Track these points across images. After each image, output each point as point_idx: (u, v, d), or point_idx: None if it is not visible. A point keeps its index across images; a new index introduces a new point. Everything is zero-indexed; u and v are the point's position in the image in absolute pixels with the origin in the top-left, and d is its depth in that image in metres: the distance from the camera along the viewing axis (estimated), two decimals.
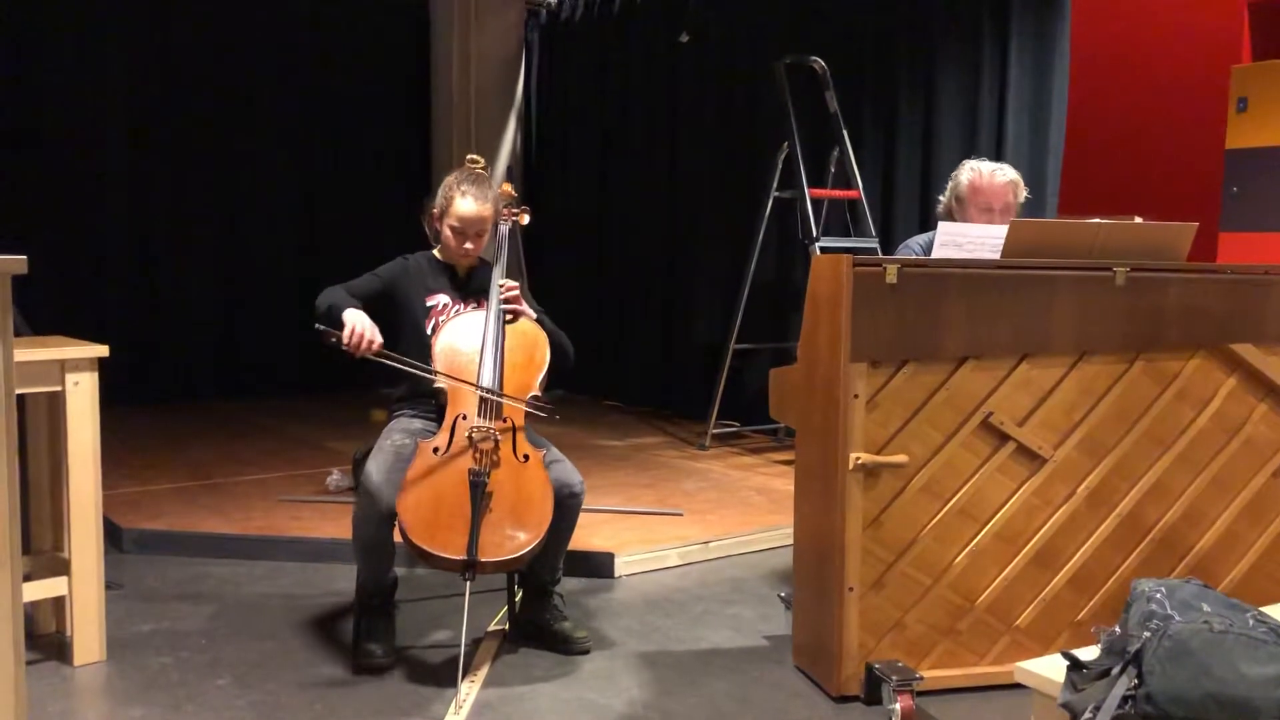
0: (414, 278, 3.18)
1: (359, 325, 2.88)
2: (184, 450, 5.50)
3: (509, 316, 3.10)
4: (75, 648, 2.91)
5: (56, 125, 6.65)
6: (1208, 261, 3.95)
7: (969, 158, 3.55)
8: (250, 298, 7.41)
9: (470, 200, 3.10)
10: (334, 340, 2.86)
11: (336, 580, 3.63)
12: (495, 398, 2.94)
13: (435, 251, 3.25)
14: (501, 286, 3.10)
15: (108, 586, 3.02)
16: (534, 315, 3.15)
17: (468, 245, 3.13)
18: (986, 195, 3.37)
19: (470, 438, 2.87)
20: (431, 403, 3.08)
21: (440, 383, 2.98)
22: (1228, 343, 2.91)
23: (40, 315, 4.54)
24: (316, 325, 2.87)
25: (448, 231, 3.13)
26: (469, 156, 3.28)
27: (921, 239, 3.64)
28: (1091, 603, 2.87)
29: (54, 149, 6.65)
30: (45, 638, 3.09)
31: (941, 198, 3.56)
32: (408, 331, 3.13)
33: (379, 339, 2.90)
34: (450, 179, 3.17)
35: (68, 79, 6.67)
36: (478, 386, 2.95)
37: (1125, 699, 1.84)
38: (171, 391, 7.03)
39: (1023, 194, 3.46)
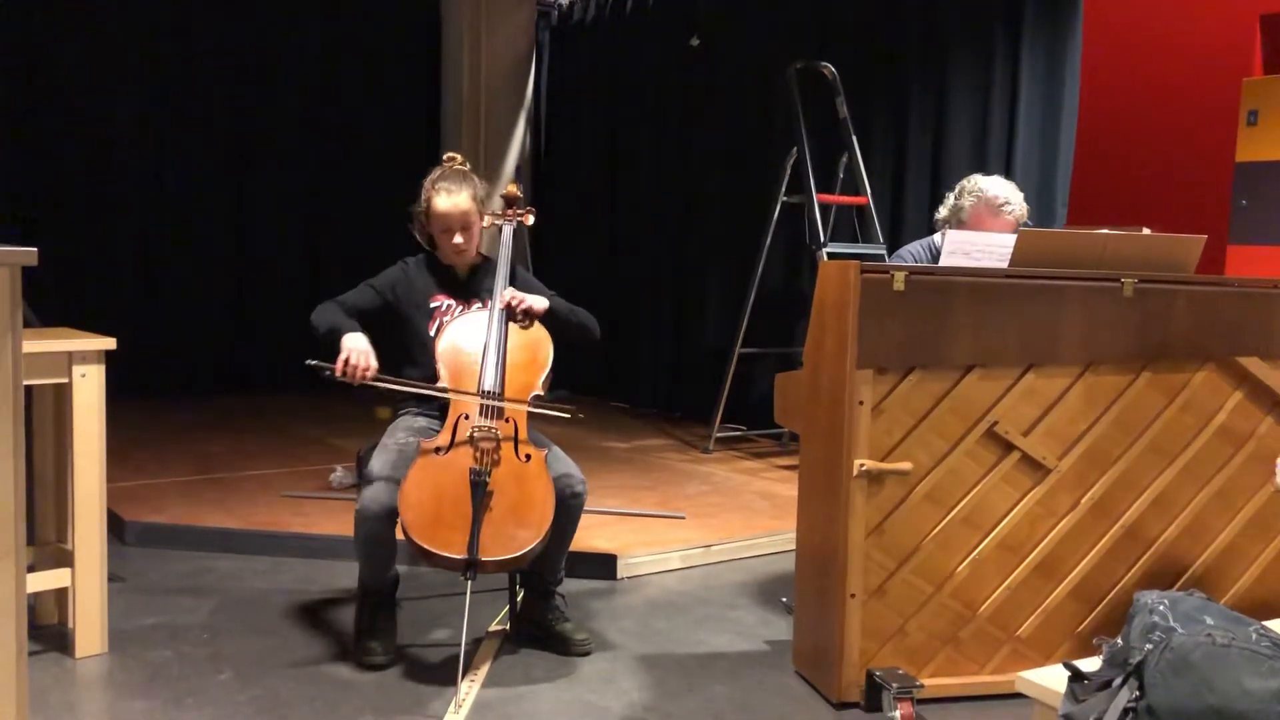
0: (415, 281, 3.18)
1: (353, 355, 2.86)
2: (188, 444, 5.51)
3: (524, 322, 3.07)
4: (77, 640, 2.92)
5: (67, 118, 6.66)
6: (1216, 274, 3.94)
7: (975, 168, 3.54)
8: (258, 293, 7.42)
9: (444, 195, 3.08)
10: (327, 374, 2.85)
11: (338, 577, 3.64)
12: (495, 403, 2.94)
13: (436, 253, 3.25)
14: (504, 302, 3.07)
15: (110, 579, 3.02)
16: (545, 306, 3.13)
17: (457, 240, 3.11)
18: (989, 229, 3.34)
19: (472, 437, 2.88)
20: (435, 402, 3.09)
21: (441, 394, 2.97)
22: (1235, 356, 2.91)
23: (49, 307, 4.56)
24: (308, 362, 2.85)
25: (435, 231, 3.13)
26: (446, 155, 3.26)
27: (914, 246, 3.63)
28: (1093, 614, 2.86)
29: (64, 142, 6.67)
30: (47, 629, 3.10)
31: (943, 208, 3.54)
32: (411, 335, 3.13)
33: (373, 365, 2.88)
34: (427, 180, 3.16)
35: (79, 71, 6.68)
36: (479, 394, 2.94)
37: (1126, 711, 1.84)
38: (177, 385, 7.03)
39: (1024, 223, 3.45)
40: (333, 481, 4.68)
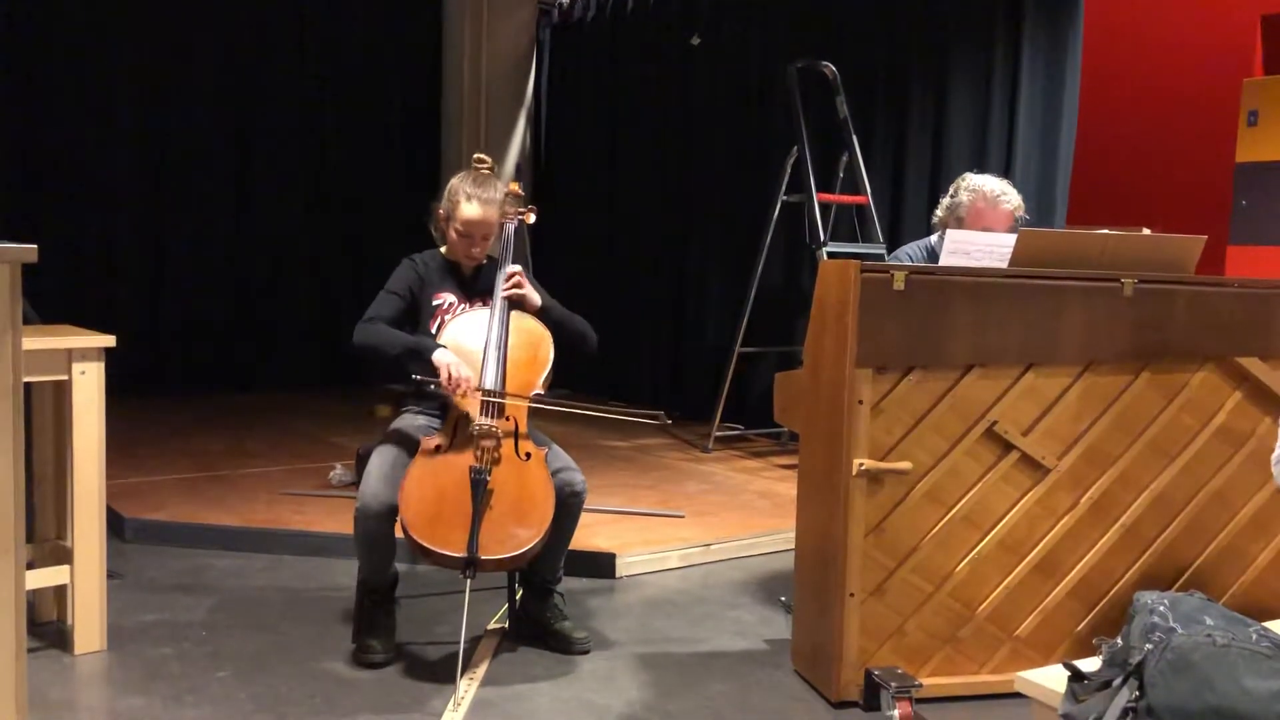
0: (423, 278, 3.18)
1: (454, 370, 2.89)
2: (188, 442, 5.51)
3: (514, 297, 3.09)
4: (76, 636, 2.92)
5: (67, 115, 6.66)
6: (1216, 274, 3.95)
7: (975, 168, 3.54)
8: (258, 291, 7.42)
9: (476, 205, 3.08)
10: (433, 387, 2.93)
11: (337, 575, 3.64)
12: (495, 399, 2.94)
13: (442, 250, 3.25)
14: (507, 276, 3.08)
15: (109, 576, 3.02)
16: (539, 301, 3.13)
17: (474, 249, 3.13)
18: (988, 222, 3.36)
19: (473, 435, 2.88)
20: (436, 400, 3.09)
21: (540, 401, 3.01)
22: (1235, 356, 2.91)
23: (49, 304, 4.55)
24: (414, 375, 2.94)
25: (454, 234, 3.13)
26: (476, 156, 3.26)
27: (911, 248, 3.63)
28: (1093, 613, 2.86)
29: (64, 138, 6.67)
30: (46, 626, 3.10)
31: (940, 210, 3.54)
32: (413, 331, 3.12)
33: (474, 378, 2.93)
34: (455, 182, 3.15)
35: (78, 68, 6.67)
36: (481, 393, 2.95)
37: (1126, 711, 1.84)
38: (177, 383, 7.04)
39: (1021, 217, 3.46)
40: (332, 479, 4.68)
